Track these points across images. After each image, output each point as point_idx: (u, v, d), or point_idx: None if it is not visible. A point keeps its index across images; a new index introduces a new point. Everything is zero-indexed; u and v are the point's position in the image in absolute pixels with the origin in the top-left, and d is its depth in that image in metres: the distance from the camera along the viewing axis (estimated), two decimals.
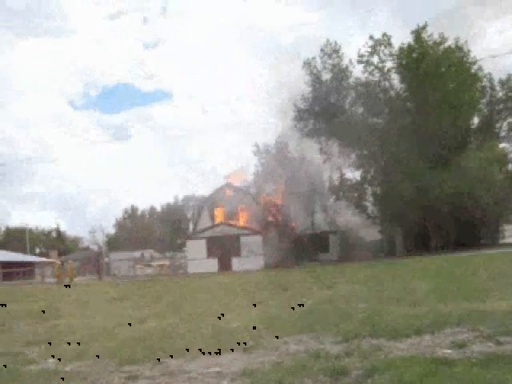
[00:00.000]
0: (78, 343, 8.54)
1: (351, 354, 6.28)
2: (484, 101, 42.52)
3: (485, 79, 41.59)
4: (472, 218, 38.33)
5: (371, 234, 43.89)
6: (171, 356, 6.97)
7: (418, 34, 39.22)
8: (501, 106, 42.46)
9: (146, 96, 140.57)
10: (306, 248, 40.88)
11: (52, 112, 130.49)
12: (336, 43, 42.03)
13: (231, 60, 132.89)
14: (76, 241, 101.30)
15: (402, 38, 40.28)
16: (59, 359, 7.39)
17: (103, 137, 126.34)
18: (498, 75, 42.21)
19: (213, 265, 39.80)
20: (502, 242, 44.91)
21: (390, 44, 40.21)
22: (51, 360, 7.43)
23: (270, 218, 45.00)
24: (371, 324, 8.08)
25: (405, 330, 7.37)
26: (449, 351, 6.02)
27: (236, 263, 39.59)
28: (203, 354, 6.99)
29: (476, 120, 43.68)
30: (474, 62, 39.38)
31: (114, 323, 10.73)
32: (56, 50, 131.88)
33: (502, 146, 42.79)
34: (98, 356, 7.34)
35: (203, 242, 41.48)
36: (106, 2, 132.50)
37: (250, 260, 38.77)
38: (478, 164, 36.12)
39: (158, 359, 6.84)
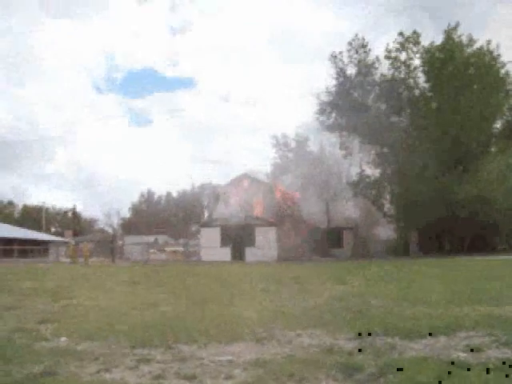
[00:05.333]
0: (90, 323, 8.59)
1: (364, 351, 6.22)
2: (507, 106, 41.88)
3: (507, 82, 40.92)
4: (488, 222, 37.92)
5: (387, 232, 43.70)
6: (183, 342, 6.97)
7: (448, 33, 38.77)
8: None
9: (170, 82, 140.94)
10: (320, 242, 40.80)
11: (76, 94, 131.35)
12: (364, 38, 41.66)
13: (258, 51, 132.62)
14: (91, 222, 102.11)
15: (431, 37, 39.68)
16: (71, 338, 7.43)
17: (125, 121, 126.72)
18: None
19: (226, 254, 39.82)
20: None
21: (418, 42, 39.83)
22: (63, 338, 7.46)
23: (286, 211, 44.98)
24: (385, 322, 8.00)
25: (419, 330, 7.29)
26: (464, 355, 5.93)
27: (249, 254, 39.55)
28: (215, 341, 6.98)
29: (499, 124, 43.12)
30: (503, 66, 38.83)
31: (126, 306, 10.76)
32: (84, 32, 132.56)
33: None
34: (109, 337, 7.36)
35: (217, 231, 41.52)
36: None
37: (264, 251, 38.71)
38: (498, 169, 35.69)
39: (169, 344, 6.84)
